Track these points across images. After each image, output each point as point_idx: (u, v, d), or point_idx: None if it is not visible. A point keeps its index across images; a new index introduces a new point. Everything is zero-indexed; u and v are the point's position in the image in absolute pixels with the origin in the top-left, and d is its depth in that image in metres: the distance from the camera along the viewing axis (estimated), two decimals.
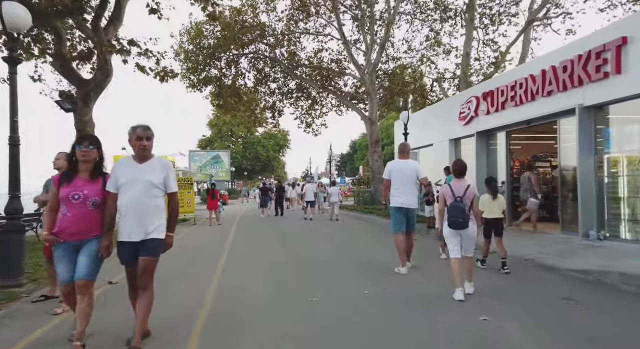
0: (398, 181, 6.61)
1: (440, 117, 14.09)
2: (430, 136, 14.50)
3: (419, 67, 24.60)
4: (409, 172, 6.65)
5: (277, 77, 25.47)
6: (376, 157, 21.77)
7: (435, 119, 14.48)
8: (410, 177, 6.66)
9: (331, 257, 7.88)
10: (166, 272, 6.29)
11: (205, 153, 38.88)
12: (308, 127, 27.27)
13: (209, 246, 9.82)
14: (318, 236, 11.35)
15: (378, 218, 14.93)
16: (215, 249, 9.05)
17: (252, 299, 4.97)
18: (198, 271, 6.76)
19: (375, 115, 21.99)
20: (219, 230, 13.58)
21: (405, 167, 6.71)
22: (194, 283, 5.92)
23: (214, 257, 7.99)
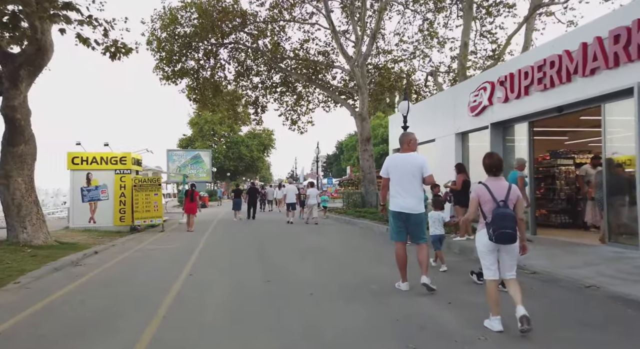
0: (398, 180, 5.31)
1: (443, 109, 12.22)
2: (432, 131, 12.62)
3: (412, 60, 22.83)
4: (411, 168, 5.28)
5: (260, 70, 23.41)
6: (367, 157, 19.85)
7: (437, 112, 12.61)
8: (413, 174, 5.28)
9: (321, 278, 5.88)
10: (76, 318, 4.22)
11: (184, 153, 36.44)
12: (293, 125, 25.24)
13: (165, 264, 7.68)
14: (303, 247, 9.33)
15: (372, 223, 12.97)
16: (172, 271, 6.94)
17: None
18: (127, 315, 4.61)
19: (366, 110, 20.09)
20: (188, 239, 11.44)
21: (407, 162, 5.33)
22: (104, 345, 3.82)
23: (164, 284, 5.88)
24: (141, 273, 6.86)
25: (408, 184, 5.23)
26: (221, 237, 11.88)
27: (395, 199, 5.29)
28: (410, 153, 5.44)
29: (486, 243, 3.78)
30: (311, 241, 10.24)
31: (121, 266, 7.51)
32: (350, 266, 6.99)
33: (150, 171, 17.01)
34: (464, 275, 5.94)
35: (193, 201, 14.46)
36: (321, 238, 10.85)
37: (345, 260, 7.55)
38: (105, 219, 13.83)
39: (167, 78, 21.37)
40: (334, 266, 6.95)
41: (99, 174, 13.88)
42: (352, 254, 8.29)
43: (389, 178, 5.37)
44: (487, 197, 3.83)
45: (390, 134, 16.09)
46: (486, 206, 3.83)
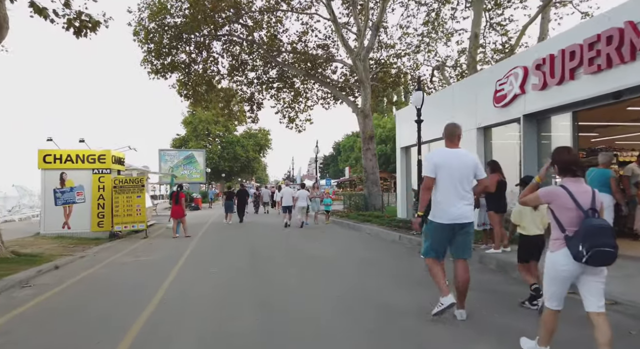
0: (449, 182, 4.19)
1: (462, 101, 10.76)
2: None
3: (417, 53, 21.38)
4: (465, 168, 4.23)
5: (256, 64, 21.88)
6: (370, 156, 18.38)
7: (454, 104, 11.15)
8: (467, 176, 4.24)
9: (332, 309, 4.39)
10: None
11: (177, 153, 34.77)
12: (291, 123, 23.74)
13: (133, 286, 6.14)
14: (304, 261, 7.83)
15: (379, 229, 11.48)
16: (140, 296, 5.41)
17: None
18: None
19: (369, 107, 18.63)
20: (171, 248, 9.90)
21: (460, 160, 4.24)
22: None
23: (125, 319, 4.36)
24: (100, 300, 5.30)
25: (461, 187, 4.15)
26: (209, 246, 10.34)
27: (442, 207, 4.11)
28: (460, 150, 4.35)
29: (566, 265, 2.84)
30: (313, 253, 8.72)
31: (79, 288, 5.96)
32: (368, 289, 5.48)
33: (135, 170, 15.45)
34: (503, 298, 4.47)
35: (178, 204, 12.89)
36: (324, 248, 9.34)
37: (359, 280, 6.04)
38: (82, 224, 12.25)
39: (155, 72, 19.81)
40: (345, 290, 5.43)
41: (75, 174, 12.30)
42: (366, 270, 6.78)
43: (435, 179, 4.18)
44: (569, 204, 2.87)
45: (398, 131, 14.61)
46: (566, 215, 2.89)
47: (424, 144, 12.86)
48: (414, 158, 13.70)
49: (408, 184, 14.12)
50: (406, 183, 14.14)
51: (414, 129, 12.88)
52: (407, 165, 14.15)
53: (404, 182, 14.16)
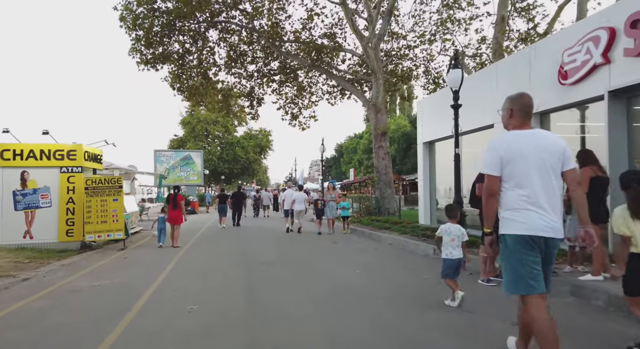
0: (528, 178, 2.72)
1: (508, 81, 8.67)
2: (487, 114, 9.04)
3: (432, 42, 19.29)
4: (548, 157, 2.74)
5: (257, 56, 19.80)
6: (382, 154, 16.24)
7: (497, 86, 9.04)
8: (552, 167, 2.74)
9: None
10: None
11: (173, 153, 32.57)
12: (294, 120, 21.65)
13: (67, 337, 4.00)
14: (318, 284, 5.69)
15: (402, 239, 9.33)
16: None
17: None
18: None
19: (382, 100, 16.51)
20: (150, 264, 7.76)
21: (540, 146, 2.76)
22: None
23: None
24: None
25: (548, 185, 2.71)
26: (196, 261, 8.17)
27: (522, 214, 2.70)
28: (539, 130, 3.02)
29: None
30: (330, 273, 6.57)
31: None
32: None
33: (117, 170, 13.31)
34: None
35: (177, 208, 10.84)
36: (343, 266, 7.17)
37: (413, 331, 3.89)
38: (47, 233, 10.11)
39: (145, 62, 17.72)
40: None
41: (39, 173, 10.17)
42: (414, 310, 4.63)
43: (501, 177, 2.80)
44: None
45: (420, 124, 12.49)
46: None
47: (446, 140, 10.77)
48: (440, 154, 11.61)
49: (432, 185, 12.00)
50: (429, 184, 12.02)
51: (441, 119, 10.81)
52: (431, 163, 12.03)
53: (427, 183, 12.04)
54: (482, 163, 2.84)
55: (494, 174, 2.77)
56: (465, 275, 5.98)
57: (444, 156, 11.67)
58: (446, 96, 11.21)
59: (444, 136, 11.12)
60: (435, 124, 11.56)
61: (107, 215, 10.24)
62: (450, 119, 10.38)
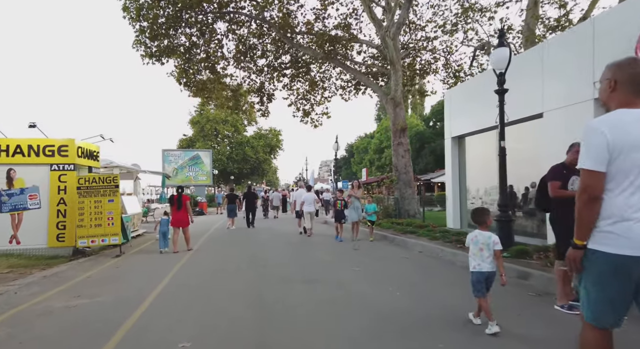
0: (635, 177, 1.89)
1: (560, 62, 7.32)
2: (535, 101, 7.73)
3: (454, 33, 17.94)
4: None
5: (267, 49, 18.66)
6: (402, 151, 14.95)
7: (547, 68, 7.70)
8: None
9: None
10: None
11: (181, 153, 31.57)
12: (306, 117, 20.46)
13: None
14: (347, 308, 4.47)
15: (435, 246, 8.03)
16: None
17: None
18: None
19: (401, 93, 15.23)
20: (145, 275, 6.61)
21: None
22: None
23: None
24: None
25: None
26: (198, 272, 6.99)
27: (626, 228, 1.87)
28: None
29: None
30: (364, 296, 5.31)
31: None
32: None
33: (117, 168, 12.22)
34: None
35: (182, 209, 9.87)
36: (376, 285, 5.89)
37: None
38: (36, 237, 9.04)
39: (150, 55, 16.67)
40: None
41: (27, 171, 9.11)
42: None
43: (605, 174, 1.92)
44: None
45: (448, 116, 11.14)
46: None
47: (486, 130, 9.47)
48: (471, 150, 10.29)
49: (462, 184, 10.68)
50: (459, 183, 10.70)
51: (472, 111, 9.51)
52: (461, 160, 10.71)
53: (457, 183, 10.72)
54: (581, 154, 1.95)
55: (599, 169, 1.91)
56: (532, 298, 4.69)
57: (476, 152, 10.36)
58: (479, 84, 9.92)
59: (476, 129, 9.82)
60: (465, 117, 10.25)
61: (101, 218, 9.14)
62: (483, 110, 9.11)
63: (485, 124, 9.31)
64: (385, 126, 53.61)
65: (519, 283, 5.40)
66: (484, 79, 9.61)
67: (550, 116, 7.42)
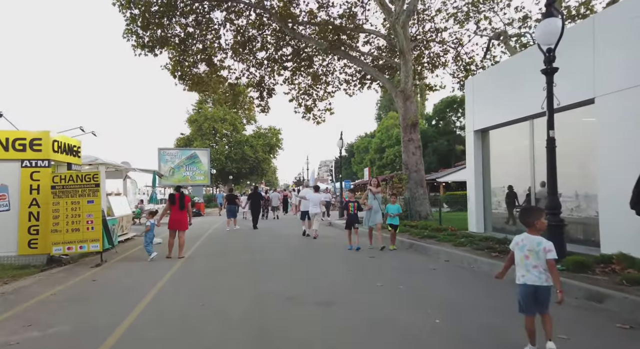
0: None
1: (610, 40, 6.15)
2: (585, 86, 6.55)
3: (464, 24, 16.79)
4: None
5: (267, 41, 17.46)
6: (412, 148, 13.77)
7: (589, 50, 6.52)
8: None
9: None
10: None
11: (178, 152, 30.28)
12: (308, 113, 19.30)
13: None
14: (371, 342, 3.28)
15: (463, 254, 6.85)
16: None
17: None
18: None
19: (411, 85, 14.05)
20: (124, 290, 5.41)
21: None
22: None
23: None
24: None
25: None
26: (188, 286, 5.77)
27: None
28: None
29: None
30: (397, 324, 4.10)
31: None
32: None
33: (103, 165, 10.98)
34: None
35: (183, 209, 8.83)
36: (409, 308, 4.69)
37: None
38: (5, 244, 7.84)
39: (142, 46, 15.47)
40: None
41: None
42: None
43: None
44: None
45: (470, 108, 9.93)
46: None
47: (507, 126, 8.33)
48: (497, 145, 9.11)
49: (486, 183, 9.50)
50: (483, 182, 9.52)
51: (499, 100, 8.36)
52: (485, 156, 9.53)
53: (480, 181, 9.54)
54: None
55: None
56: (626, 333, 3.49)
57: (503, 147, 9.18)
58: (506, 71, 8.75)
59: (504, 121, 8.64)
60: (491, 107, 9.08)
61: (79, 221, 7.91)
62: (514, 98, 7.95)
63: (516, 115, 8.15)
64: (386, 125, 52.45)
65: (592, 307, 4.22)
66: (517, 61, 8.46)
67: (604, 101, 6.24)
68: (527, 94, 7.75)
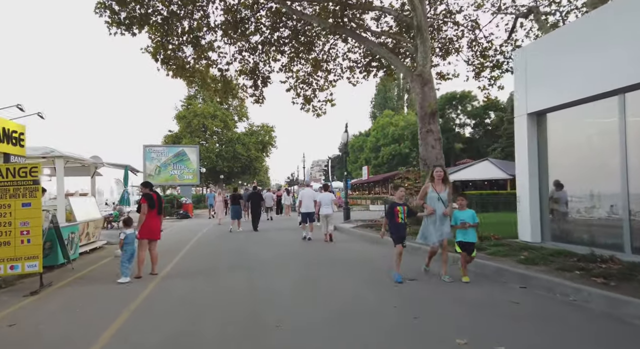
0: None
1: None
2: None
3: (481, 5, 14.82)
4: None
5: (261, 22, 15.28)
6: (432, 141, 11.69)
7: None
8: None
9: None
10: None
11: (165, 149, 27.80)
12: (307, 104, 17.13)
13: None
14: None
15: (558, 281, 4.78)
16: None
17: None
18: None
19: (429, 68, 12.01)
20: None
21: None
22: None
23: None
24: None
25: None
26: (161, 330, 3.58)
27: None
28: None
29: None
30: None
31: None
32: None
33: (62, 158, 8.67)
34: None
35: (161, 214, 6.81)
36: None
37: None
38: None
39: (117, 24, 13.13)
40: None
41: None
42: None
43: None
44: None
45: (522, 86, 7.82)
46: None
47: (577, 105, 6.33)
48: (558, 132, 7.06)
49: (542, 180, 7.44)
50: (539, 180, 7.46)
51: (563, 74, 6.32)
52: (541, 145, 7.47)
53: (535, 178, 7.48)
54: None
55: None
56: None
57: (570, 134, 7.15)
58: (578, 33, 6.69)
59: (575, 99, 6.60)
60: (550, 84, 7.03)
61: (10, 232, 5.66)
62: (589, 69, 5.91)
63: (596, 89, 6.10)
64: (381, 123, 50.54)
65: None
66: (597, 18, 6.41)
67: None
68: (615, 60, 5.73)
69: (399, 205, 5.85)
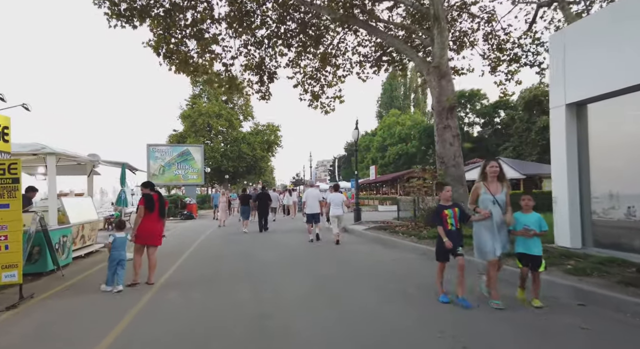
0: None
1: None
2: None
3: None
4: None
5: (267, 15, 14.55)
6: (449, 137, 10.89)
7: None
8: None
9: None
10: None
11: (169, 148, 27.15)
12: (315, 100, 16.37)
13: None
14: None
15: (624, 298, 3.99)
16: None
17: None
18: None
19: (447, 60, 11.22)
20: None
21: None
22: None
23: None
24: None
25: None
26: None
27: None
28: None
29: None
30: None
31: None
32: None
33: (53, 155, 7.98)
34: None
35: (164, 217, 6.28)
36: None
37: None
38: None
39: (117, 15, 12.46)
40: None
41: None
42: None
43: None
44: None
45: (559, 74, 6.99)
46: None
47: (626, 94, 5.45)
48: (601, 125, 6.24)
49: (583, 179, 6.62)
50: (579, 179, 6.64)
51: (609, 59, 5.50)
52: (581, 140, 6.65)
53: (575, 177, 6.66)
54: None
55: None
56: None
57: (610, 128, 6.33)
58: (626, 11, 5.85)
59: (617, 88, 5.79)
60: (593, 72, 6.22)
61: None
62: (637, 54, 5.08)
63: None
64: (388, 123, 49.69)
65: None
66: (623, 8, 5.59)
67: None
68: None
69: (446, 208, 4.58)
